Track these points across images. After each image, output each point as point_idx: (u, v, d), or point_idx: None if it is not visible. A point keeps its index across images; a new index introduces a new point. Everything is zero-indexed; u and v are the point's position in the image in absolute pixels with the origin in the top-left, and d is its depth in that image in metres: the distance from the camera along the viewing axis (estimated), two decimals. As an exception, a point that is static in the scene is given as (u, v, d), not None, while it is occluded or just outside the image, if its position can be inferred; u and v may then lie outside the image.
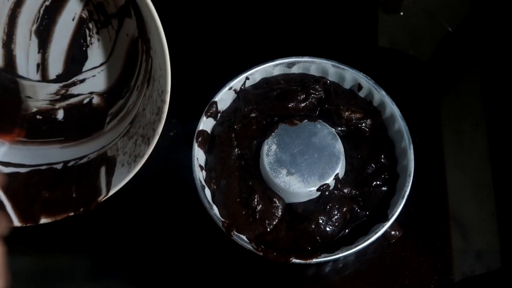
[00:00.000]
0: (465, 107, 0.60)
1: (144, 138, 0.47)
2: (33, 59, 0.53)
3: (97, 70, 0.53)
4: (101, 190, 0.49)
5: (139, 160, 0.47)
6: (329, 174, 0.48)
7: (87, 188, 0.50)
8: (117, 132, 0.52)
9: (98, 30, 0.51)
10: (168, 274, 0.53)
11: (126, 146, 0.49)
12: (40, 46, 0.52)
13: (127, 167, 0.48)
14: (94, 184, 0.50)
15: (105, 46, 0.52)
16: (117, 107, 0.53)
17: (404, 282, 0.51)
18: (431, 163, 0.55)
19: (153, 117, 0.46)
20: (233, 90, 0.53)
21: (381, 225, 0.46)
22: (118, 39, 0.51)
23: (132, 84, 0.52)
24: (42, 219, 0.49)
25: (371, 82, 0.52)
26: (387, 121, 0.52)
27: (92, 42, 0.52)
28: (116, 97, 0.53)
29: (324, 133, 0.49)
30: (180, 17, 0.65)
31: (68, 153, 0.53)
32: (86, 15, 0.51)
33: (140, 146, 0.47)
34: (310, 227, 0.47)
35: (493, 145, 0.57)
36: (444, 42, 0.63)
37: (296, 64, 0.54)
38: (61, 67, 0.53)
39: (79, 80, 0.53)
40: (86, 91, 0.53)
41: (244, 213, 0.48)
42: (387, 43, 0.64)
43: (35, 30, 0.51)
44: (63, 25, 0.51)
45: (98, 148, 0.52)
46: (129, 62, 0.52)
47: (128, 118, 0.52)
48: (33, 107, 0.53)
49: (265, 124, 0.52)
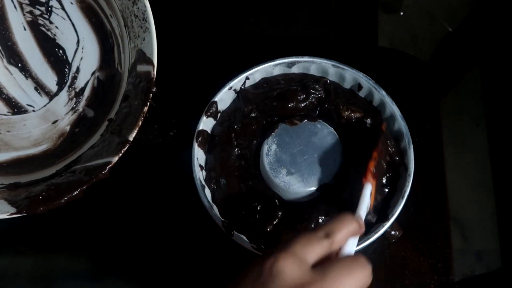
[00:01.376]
0: (465, 107, 0.60)
1: (134, 1, 0.47)
2: (28, 88, 0.54)
3: (79, 51, 0.53)
4: (149, 70, 0.48)
5: (147, 14, 0.46)
6: (329, 174, 0.48)
7: (140, 84, 0.49)
8: (126, 48, 0.52)
9: (49, 20, 0.51)
10: (168, 273, 0.53)
11: (135, 32, 0.49)
12: (23, 72, 0.53)
13: (147, 34, 0.47)
14: (143, 76, 0.49)
15: (66, 27, 0.52)
16: (116, 54, 0.53)
17: (404, 282, 0.51)
18: (431, 163, 0.55)
19: None
20: (233, 90, 0.53)
21: (381, 225, 0.46)
22: (68, 12, 0.52)
23: (108, 27, 0.52)
24: (130, 135, 0.48)
25: (371, 82, 0.52)
26: (387, 121, 0.51)
27: (55, 33, 0.52)
28: (110, 52, 0.53)
29: (324, 133, 0.49)
30: (180, 17, 0.65)
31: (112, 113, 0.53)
32: (30, 17, 0.51)
33: (139, 11, 0.47)
34: (309, 227, 0.47)
35: (493, 145, 0.57)
36: (444, 42, 0.63)
37: (296, 64, 0.54)
38: (53, 75, 0.53)
39: (75, 72, 0.53)
40: (88, 75, 0.54)
41: (244, 213, 0.48)
42: (387, 43, 0.64)
43: (8, 63, 0.52)
44: (22, 40, 0.52)
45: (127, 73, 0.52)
46: (92, 19, 0.52)
47: (123, 31, 0.51)
48: (65, 126, 0.54)
49: (265, 124, 0.52)
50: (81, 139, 0.53)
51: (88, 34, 0.53)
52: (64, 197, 0.46)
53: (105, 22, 0.52)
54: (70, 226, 0.55)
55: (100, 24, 0.52)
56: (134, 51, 0.50)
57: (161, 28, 0.48)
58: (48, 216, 0.53)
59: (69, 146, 0.54)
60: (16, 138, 0.53)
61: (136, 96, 0.49)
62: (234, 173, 0.50)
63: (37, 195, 0.47)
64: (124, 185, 0.56)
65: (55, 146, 0.54)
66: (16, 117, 0.54)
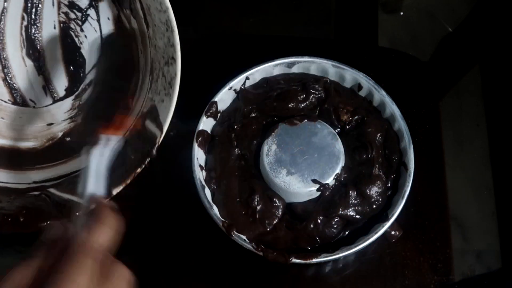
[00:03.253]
0: (465, 107, 0.60)
1: (168, 62, 0.46)
2: (37, 84, 0.53)
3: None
4: (155, 134, 0.48)
5: (174, 81, 0.45)
6: (329, 174, 0.48)
7: (143, 143, 0.49)
8: (144, 94, 0.51)
9: (81, 28, 0.50)
10: (168, 273, 0.53)
11: (157, 88, 0.48)
12: (38, 68, 0.52)
13: (167, 98, 0.46)
14: (146, 138, 0.49)
15: (95, 39, 0.51)
16: (133, 83, 0.52)
17: (404, 282, 0.51)
18: (431, 163, 0.55)
19: (166, 36, 0.44)
20: (233, 90, 0.53)
21: (381, 225, 0.46)
22: (102, 26, 0.51)
23: (134, 59, 0.51)
24: (115, 190, 0.48)
25: (371, 82, 0.52)
26: (388, 121, 0.51)
27: (82, 41, 0.51)
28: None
29: (324, 133, 0.49)
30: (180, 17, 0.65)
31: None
32: (64, 18, 0.50)
33: (168, 72, 0.46)
34: (309, 227, 0.47)
35: (493, 145, 0.57)
36: (444, 42, 0.63)
37: (296, 64, 0.54)
38: (65, 80, 0.52)
39: (87, 84, 0.52)
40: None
41: (244, 213, 0.48)
42: (387, 43, 0.64)
43: (26, 54, 0.51)
44: (48, 38, 0.51)
45: (135, 116, 0.51)
46: (122, 40, 0.51)
47: (146, 78, 0.50)
48: (58, 132, 0.53)
49: (265, 124, 0.52)
50: (68, 152, 0.52)
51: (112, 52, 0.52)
52: (30, 227, 0.45)
53: (133, 53, 0.51)
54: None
55: (129, 44, 0.51)
56: (149, 103, 0.49)
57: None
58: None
59: (54, 154, 0.52)
60: (7, 127, 0.52)
61: (135, 151, 0.48)
62: (234, 173, 0.50)
63: (6, 215, 0.46)
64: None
65: (41, 148, 0.53)
66: (15, 107, 0.53)
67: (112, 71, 0.51)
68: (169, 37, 0.44)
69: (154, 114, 0.48)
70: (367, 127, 0.50)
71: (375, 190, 0.48)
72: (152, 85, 0.49)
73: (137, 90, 0.51)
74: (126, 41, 0.50)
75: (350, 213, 0.47)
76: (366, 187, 0.48)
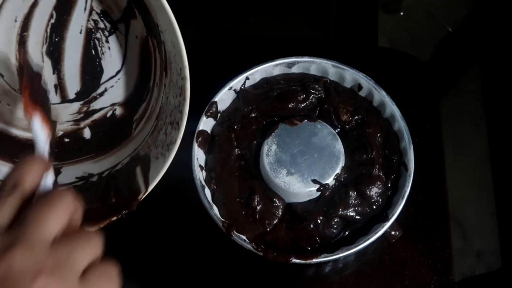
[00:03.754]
0: (465, 107, 0.60)
1: (173, 124, 0.46)
2: (50, 81, 0.52)
3: (114, 79, 0.52)
4: (140, 188, 0.48)
5: (172, 147, 0.45)
6: (329, 174, 0.48)
7: (126, 191, 0.49)
8: (146, 132, 0.51)
9: (107, 39, 0.50)
10: (168, 273, 0.53)
11: (157, 139, 0.48)
12: (54, 67, 0.51)
13: (161, 159, 0.47)
14: (132, 185, 0.48)
15: (117, 53, 0.51)
16: (141, 111, 0.52)
17: (404, 282, 0.51)
18: (431, 163, 0.55)
19: (177, 99, 0.44)
20: (233, 90, 0.53)
21: (381, 225, 0.46)
22: (128, 43, 0.50)
23: (151, 85, 0.51)
24: (85, 228, 0.48)
25: (371, 82, 0.52)
26: (388, 121, 0.51)
27: (104, 52, 0.51)
28: (138, 102, 0.52)
29: (324, 133, 0.49)
30: (180, 16, 0.65)
31: (102, 165, 0.52)
32: (92, 25, 0.50)
33: (170, 134, 0.46)
34: (309, 227, 0.47)
35: (493, 145, 0.57)
36: (444, 42, 0.63)
37: (296, 64, 0.54)
38: (78, 84, 0.52)
39: (98, 94, 0.52)
40: (107, 103, 0.52)
41: (244, 213, 0.48)
42: (387, 43, 0.64)
43: (46, 51, 0.50)
44: (72, 40, 0.50)
45: (129, 152, 0.51)
46: (143, 63, 0.51)
47: (153, 115, 0.50)
48: (59, 130, 0.53)
49: (265, 124, 0.52)
50: (65, 155, 0.52)
51: (131, 72, 0.52)
52: None
53: (151, 77, 0.51)
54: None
55: (147, 73, 0.51)
56: (146, 150, 0.49)
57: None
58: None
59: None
60: (10, 113, 0.52)
61: (117, 191, 0.48)
62: (234, 173, 0.50)
63: None
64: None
65: None
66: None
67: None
68: (180, 102, 0.44)
69: (146, 166, 0.48)
70: (367, 127, 0.50)
71: (375, 191, 0.48)
72: (154, 131, 0.49)
73: (146, 113, 0.51)
74: (149, 61, 0.50)
75: (350, 214, 0.47)
76: (366, 188, 0.48)
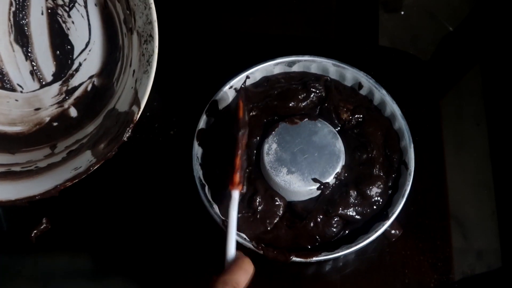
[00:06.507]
0: (465, 106, 0.60)
1: (146, 39, 0.46)
2: (24, 69, 0.53)
3: (86, 52, 0.53)
4: (134, 112, 0.48)
5: (152, 59, 0.46)
6: (330, 173, 0.48)
7: (124, 117, 0.49)
8: (127, 75, 0.52)
9: (68, 14, 0.51)
10: (168, 272, 0.53)
11: (137, 66, 0.49)
12: (25, 54, 0.53)
13: (145, 76, 0.47)
14: (127, 115, 0.48)
15: (82, 25, 0.52)
16: (118, 69, 0.53)
17: (404, 281, 0.51)
18: (432, 162, 0.55)
19: (144, 16, 0.45)
20: (234, 88, 0.53)
21: (381, 224, 0.46)
22: (89, 12, 0.52)
23: (120, 42, 0.52)
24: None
25: (372, 81, 0.52)
26: (388, 120, 0.51)
27: (69, 27, 0.52)
28: (113, 64, 0.53)
29: (325, 132, 0.49)
30: (180, 16, 0.65)
31: (95, 124, 0.53)
32: (51, 4, 0.51)
33: (147, 50, 0.46)
34: (309, 226, 0.47)
35: (494, 145, 0.57)
36: (445, 41, 0.63)
37: (296, 63, 0.54)
38: (52, 66, 0.53)
39: (74, 70, 0.53)
40: (85, 77, 0.53)
41: (245, 212, 0.48)
42: (387, 42, 0.64)
43: (14, 40, 0.52)
44: (36, 23, 0.52)
45: (118, 96, 0.51)
46: (109, 27, 0.52)
47: (129, 62, 0.51)
48: (45, 117, 0.53)
49: (265, 123, 0.52)
50: (56, 135, 0.53)
51: (99, 39, 0.53)
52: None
53: (119, 35, 0.52)
54: (70, 225, 0.55)
55: (114, 34, 0.52)
56: (131, 81, 0.50)
57: (161, 26, 0.48)
58: (48, 215, 0.53)
59: (41, 139, 0.53)
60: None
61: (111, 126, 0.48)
62: (234, 172, 0.50)
63: None
64: (124, 184, 0.56)
65: (29, 132, 0.53)
66: (3, 92, 0.54)
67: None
68: (147, 15, 0.45)
69: (135, 91, 0.49)
70: (367, 126, 0.50)
71: (376, 190, 0.48)
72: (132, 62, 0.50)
73: (122, 71, 0.52)
74: (112, 23, 0.52)
75: (350, 213, 0.47)
76: (367, 188, 0.48)
